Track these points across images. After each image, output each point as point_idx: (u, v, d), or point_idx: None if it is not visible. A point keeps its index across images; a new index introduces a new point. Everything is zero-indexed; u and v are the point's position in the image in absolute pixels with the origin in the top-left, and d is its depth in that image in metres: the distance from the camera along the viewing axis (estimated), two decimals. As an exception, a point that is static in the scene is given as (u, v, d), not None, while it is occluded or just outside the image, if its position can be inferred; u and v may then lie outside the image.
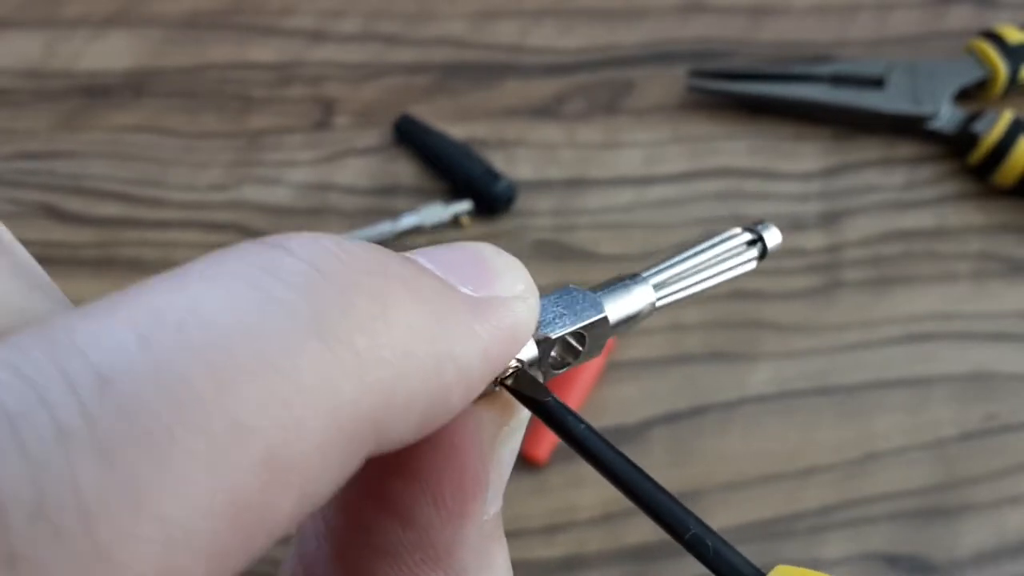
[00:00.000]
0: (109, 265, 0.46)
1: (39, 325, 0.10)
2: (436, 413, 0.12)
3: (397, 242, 0.47)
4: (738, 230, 0.17)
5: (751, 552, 0.42)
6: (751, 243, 0.17)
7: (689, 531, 0.13)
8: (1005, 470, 0.41)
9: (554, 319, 0.15)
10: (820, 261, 0.47)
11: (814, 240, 0.47)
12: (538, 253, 0.46)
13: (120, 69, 0.53)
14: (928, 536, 0.40)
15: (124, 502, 0.09)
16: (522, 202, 0.48)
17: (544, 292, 0.15)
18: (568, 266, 0.46)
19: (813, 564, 0.39)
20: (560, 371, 0.15)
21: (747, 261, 0.17)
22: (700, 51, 0.54)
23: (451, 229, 0.47)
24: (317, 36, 0.55)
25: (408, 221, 0.47)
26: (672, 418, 0.42)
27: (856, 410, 0.43)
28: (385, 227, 0.46)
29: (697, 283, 0.17)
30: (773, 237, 0.17)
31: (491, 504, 0.15)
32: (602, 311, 0.15)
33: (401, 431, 0.12)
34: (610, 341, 0.43)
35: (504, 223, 0.48)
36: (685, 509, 0.13)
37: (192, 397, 0.10)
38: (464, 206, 0.47)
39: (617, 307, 0.16)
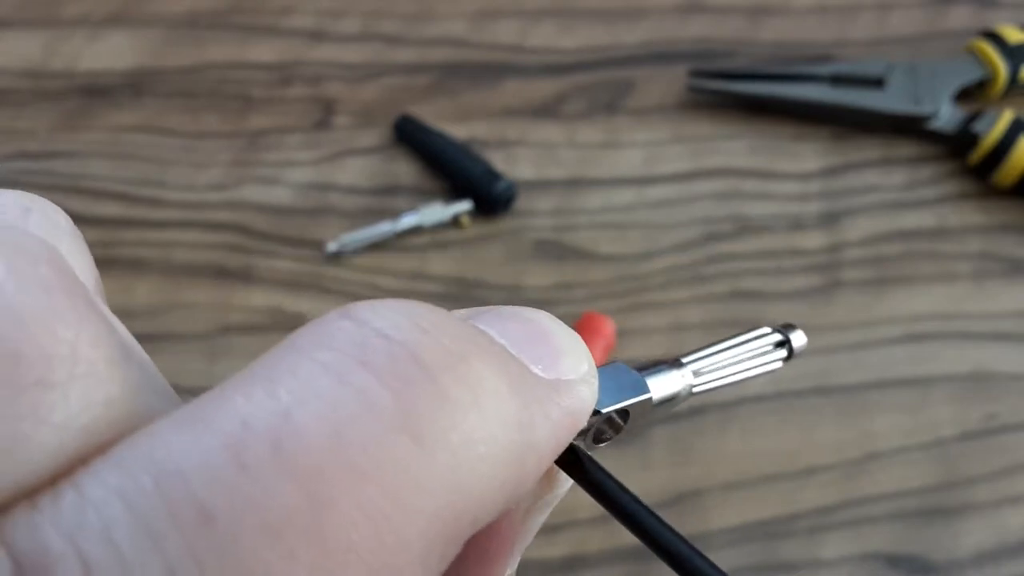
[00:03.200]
0: (109, 265, 0.46)
1: (143, 438, 0.10)
2: (515, 500, 0.12)
3: (398, 240, 0.47)
4: (768, 329, 0.18)
5: (751, 552, 0.42)
6: (779, 344, 0.18)
7: None
8: (1005, 470, 0.41)
9: (602, 395, 0.15)
10: (820, 261, 0.47)
11: (814, 240, 0.47)
12: (538, 253, 0.46)
13: (120, 69, 0.53)
14: (928, 536, 0.40)
15: None
16: (522, 202, 0.48)
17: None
18: (568, 266, 0.46)
19: (813, 564, 0.39)
20: (600, 445, 0.15)
21: (775, 360, 0.18)
22: (700, 51, 0.54)
23: (451, 229, 0.47)
24: (317, 36, 0.55)
25: (408, 221, 0.47)
26: (672, 418, 0.42)
27: (856, 410, 0.43)
28: (385, 227, 0.46)
29: (730, 375, 0.17)
30: (799, 339, 0.18)
31: (510, 568, 0.15)
32: (648, 391, 0.16)
33: (488, 521, 0.12)
34: (610, 343, 0.43)
35: (504, 223, 0.48)
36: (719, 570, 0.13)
37: (292, 527, 0.09)
38: (464, 206, 0.47)
39: (659, 388, 0.16)
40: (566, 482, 0.15)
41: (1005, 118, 0.48)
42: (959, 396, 0.43)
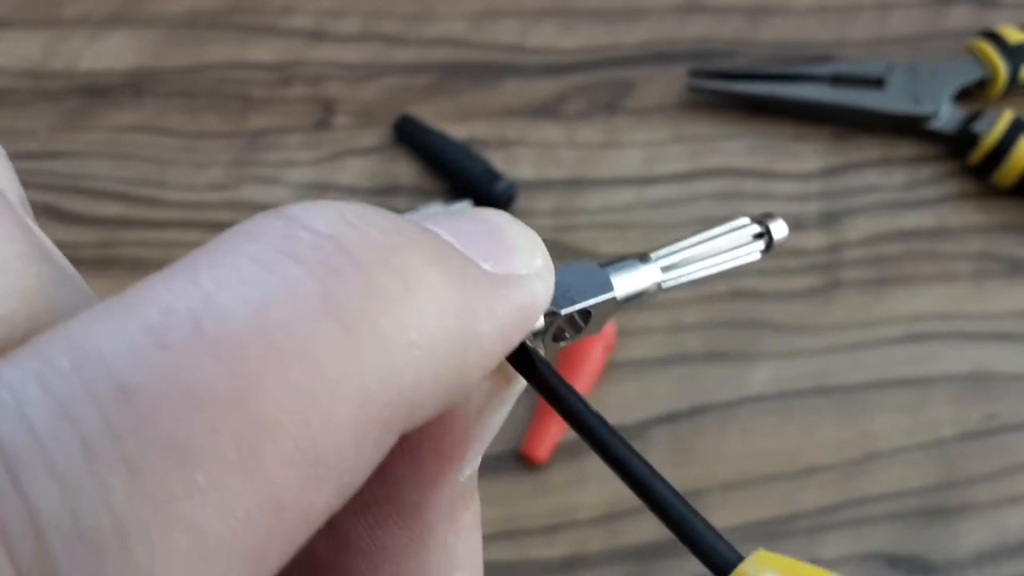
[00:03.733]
0: (109, 265, 0.46)
1: (61, 327, 0.10)
2: (457, 393, 0.12)
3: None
4: (746, 220, 0.17)
5: (751, 552, 0.42)
6: (758, 235, 0.17)
7: (677, 504, 0.12)
8: (1005, 470, 0.41)
9: (563, 294, 0.14)
10: (820, 261, 0.47)
11: (814, 240, 0.47)
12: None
13: (120, 69, 0.53)
14: (928, 536, 0.40)
15: (157, 517, 0.09)
16: (522, 202, 0.48)
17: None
18: (568, 266, 0.46)
19: (813, 564, 0.39)
20: (559, 344, 0.15)
21: (753, 252, 0.17)
22: (700, 51, 0.54)
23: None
24: (317, 36, 0.55)
25: (408, 221, 0.47)
26: (672, 418, 0.42)
27: (856, 410, 0.43)
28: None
29: (703, 268, 0.17)
30: (779, 230, 0.17)
31: (467, 467, 0.15)
32: (611, 290, 0.15)
33: (427, 413, 0.11)
34: (610, 343, 0.43)
35: (504, 223, 0.48)
36: (673, 489, 0.13)
37: (214, 401, 0.09)
38: (464, 206, 0.47)
39: (624, 285, 0.15)
40: (518, 382, 0.15)
41: (1005, 118, 0.48)
42: (959, 396, 0.43)
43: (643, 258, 0.16)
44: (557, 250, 0.47)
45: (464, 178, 0.48)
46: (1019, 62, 0.51)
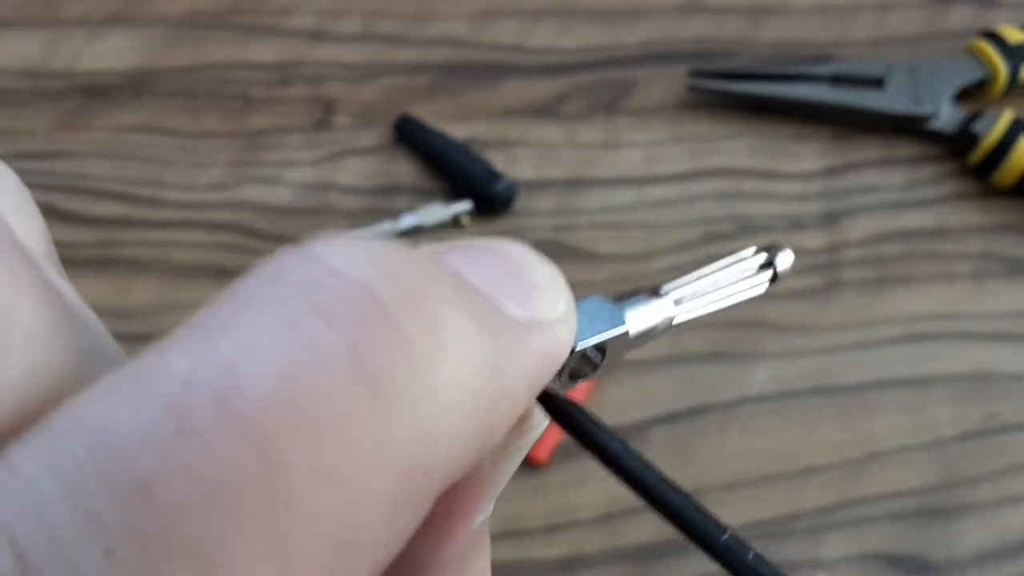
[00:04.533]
0: (109, 265, 0.46)
1: (79, 404, 0.09)
2: (486, 450, 0.11)
3: (399, 240, 0.47)
4: (751, 251, 0.17)
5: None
6: (764, 266, 0.17)
7: (723, 537, 0.12)
8: (1005, 470, 0.41)
9: (578, 330, 0.14)
10: (820, 261, 0.47)
11: (814, 240, 0.47)
12: (538, 253, 0.46)
13: (120, 69, 0.53)
14: (928, 536, 0.40)
15: None
16: (522, 202, 0.48)
17: None
18: (568, 266, 0.46)
19: (813, 564, 0.39)
20: (576, 382, 0.15)
21: (760, 284, 0.17)
22: (700, 51, 0.54)
23: (451, 229, 0.47)
24: (317, 36, 0.55)
25: (408, 221, 0.47)
26: (672, 418, 0.42)
27: (856, 410, 0.43)
28: (385, 227, 0.46)
29: (712, 302, 0.17)
30: (785, 260, 0.17)
31: (480, 515, 0.14)
32: (624, 325, 0.15)
33: (458, 475, 0.11)
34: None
35: (504, 223, 0.48)
36: (714, 518, 0.12)
37: (240, 494, 0.08)
38: (464, 206, 0.47)
39: (637, 321, 0.15)
40: (538, 426, 0.14)
41: (1005, 118, 0.48)
42: (959, 396, 0.43)
43: (654, 292, 0.16)
44: (557, 250, 0.47)
45: (464, 178, 0.48)
46: (1019, 62, 0.51)
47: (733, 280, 0.17)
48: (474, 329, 0.11)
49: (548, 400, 0.13)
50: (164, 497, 0.08)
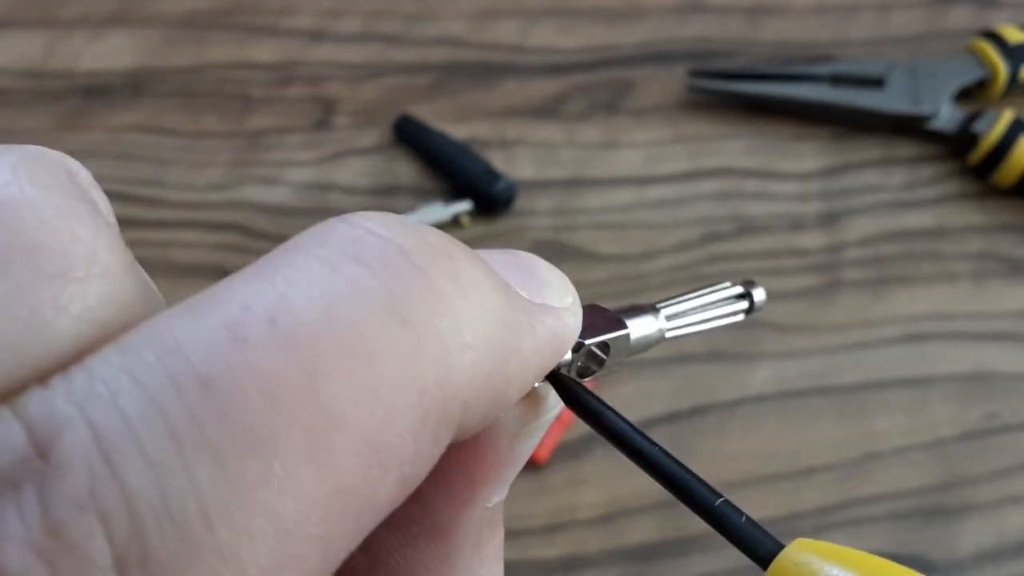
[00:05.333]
0: (109, 265, 0.46)
1: (145, 325, 0.10)
2: (499, 405, 0.13)
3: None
4: (729, 284, 0.20)
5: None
6: (741, 296, 0.19)
7: (718, 502, 0.13)
8: (1005, 470, 0.41)
9: (584, 330, 0.16)
10: (820, 261, 0.47)
11: (814, 240, 0.47)
12: (538, 253, 0.46)
13: (120, 69, 0.53)
14: (928, 536, 0.40)
15: (238, 501, 0.09)
16: (522, 202, 0.48)
17: None
18: (568, 266, 0.46)
19: (813, 564, 0.39)
20: (584, 379, 0.16)
21: (737, 312, 0.19)
22: (700, 51, 0.54)
23: (451, 229, 0.47)
24: (317, 36, 0.55)
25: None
26: (672, 418, 0.42)
27: (856, 410, 0.43)
28: (385, 227, 0.46)
29: (697, 323, 0.19)
30: (759, 295, 0.20)
31: (496, 494, 0.15)
32: (626, 327, 0.17)
33: (476, 418, 0.12)
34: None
35: (504, 223, 0.48)
36: (710, 487, 0.14)
37: (287, 392, 0.10)
38: (464, 206, 0.47)
39: (636, 328, 0.17)
40: (551, 409, 0.16)
41: (1005, 118, 0.48)
42: (959, 396, 0.43)
43: (651, 308, 0.18)
44: (557, 250, 0.47)
45: (464, 178, 0.48)
46: (1019, 62, 0.51)
47: (716, 305, 0.19)
48: (491, 288, 0.12)
49: (559, 383, 0.15)
50: (221, 390, 0.10)
